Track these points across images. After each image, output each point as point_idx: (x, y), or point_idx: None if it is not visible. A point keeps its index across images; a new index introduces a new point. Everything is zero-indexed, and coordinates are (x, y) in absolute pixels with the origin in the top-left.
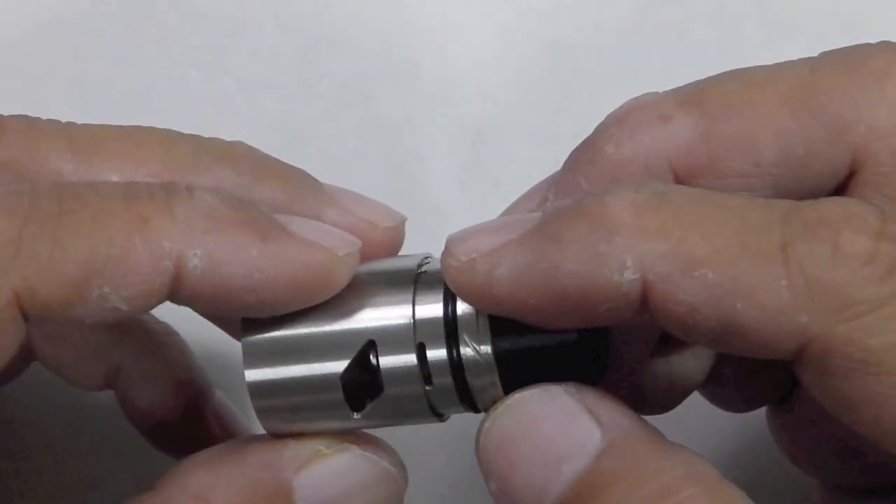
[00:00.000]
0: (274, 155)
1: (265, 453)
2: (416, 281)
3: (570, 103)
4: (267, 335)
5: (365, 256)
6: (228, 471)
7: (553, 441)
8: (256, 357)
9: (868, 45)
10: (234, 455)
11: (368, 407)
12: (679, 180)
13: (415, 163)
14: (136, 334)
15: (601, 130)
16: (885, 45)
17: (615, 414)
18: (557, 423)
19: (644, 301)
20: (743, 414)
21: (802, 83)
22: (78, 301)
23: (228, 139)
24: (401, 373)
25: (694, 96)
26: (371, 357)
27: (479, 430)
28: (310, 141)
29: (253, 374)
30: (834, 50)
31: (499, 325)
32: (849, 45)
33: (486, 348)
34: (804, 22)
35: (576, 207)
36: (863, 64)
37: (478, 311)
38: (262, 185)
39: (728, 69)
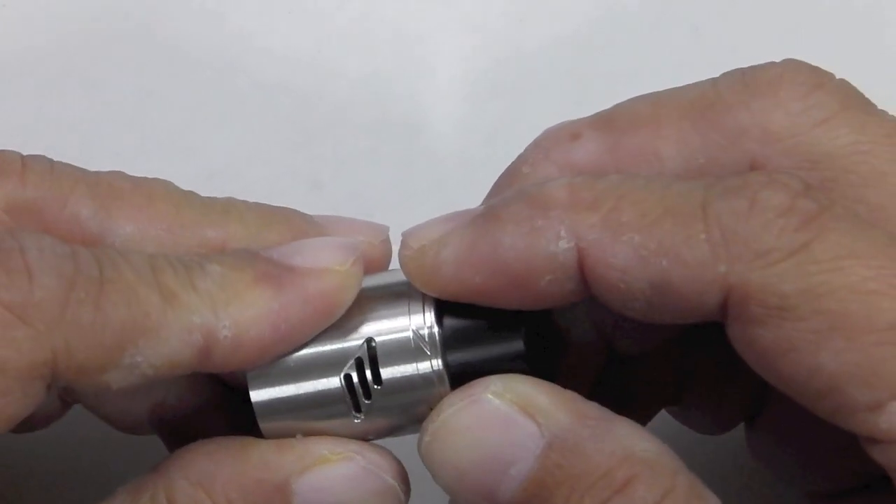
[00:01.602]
0: (288, 154)
1: (269, 453)
2: (409, 288)
3: (587, 99)
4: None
5: (367, 272)
6: (231, 465)
7: (495, 448)
8: (260, 378)
9: (765, 63)
10: (238, 450)
11: (371, 416)
12: None
13: (429, 161)
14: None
15: (520, 156)
16: (779, 62)
17: (550, 406)
18: (495, 430)
19: (581, 271)
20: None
21: (702, 97)
22: (110, 367)
23: (242, 139)
24: (401, 378)
25: (604, 116)
26: (371, 366)
27: (420, 443)
28: (323, 140)
29: (258, 395)
30: (734, 69)
31: (448, 333)
32: (863, 38)
33: (437, 361)
34: (816, 17)
35: (517, 193)
36: (757, 76)
37: (428, 321)
38: (269, 231)
39: (741, 66)
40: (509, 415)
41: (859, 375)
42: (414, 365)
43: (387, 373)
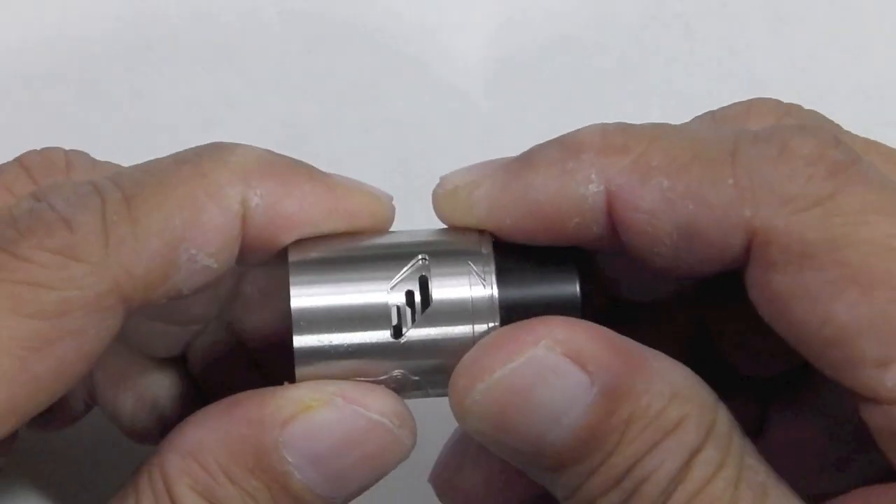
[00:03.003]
0: (279, 152)
1: (250, 408)
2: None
3: (577, 99)
4: (314, 253)
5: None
6: (216, 427)
7: (547, 403)
8: (302, 277)
9: (732, 103)
10: (223, 412)
11: (412, 342)
12: None
13: (421, 160)
14: (193, 397)
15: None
16: (746, 100)
17: (598, 352)
18: (548, 385)
19: (608, 214)
20: None
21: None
22: (172, 271)
23: (233, 137)
24: (453, 292)
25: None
26: (421, 286)
27: (460, 399)
28: (315, 139)
29: (297, 297)
30: (704, 113)
31: (503, 266)
32: (850, 39)
33: (492, 287)
34: (808, 16)
35: (551, 140)
36: (725, 112)
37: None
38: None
39: (733, 65)
40: (562, 368)
41: (871, 330)
42: (467, 287)
43: (437, 293)
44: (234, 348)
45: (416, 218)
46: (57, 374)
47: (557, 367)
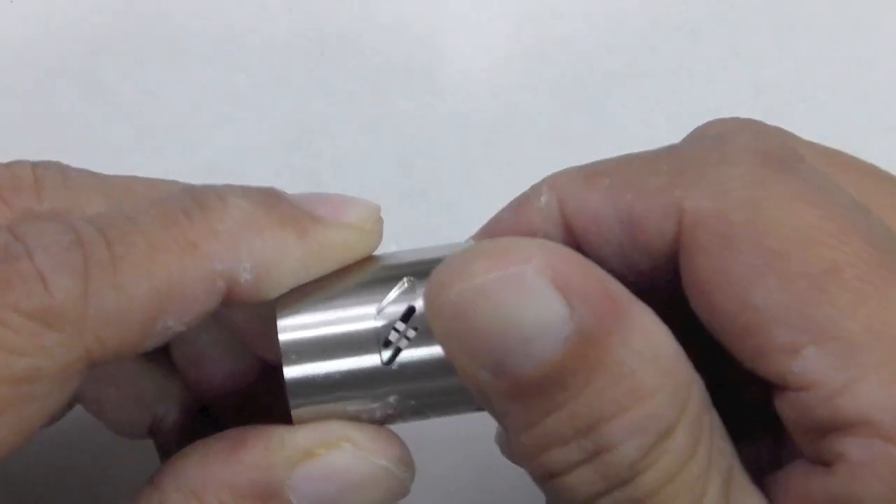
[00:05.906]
0: (286, 152)
1: (259, 453)
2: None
3: (581, 101)
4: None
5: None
6: (222, 469)
7: (521, 323)
8: (289, 310)
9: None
10: (228, 452)
11: (401, 364)
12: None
13: (427, 160)
14: (182, 388)
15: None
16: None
17: (586, 289)
18: (528, 305)
19: (563, 219)
20: None
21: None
22: (145, 340)
23: (241, 136)
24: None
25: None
26: (405, 296)
27: (435, 294)
28: (322, 138)
29: (285, 324)
30: None
31: None
32: (854, 46)
33: None
34: (814, 23)
35: None
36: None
37: None
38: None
39: (738, 68)
40: (546, 293)
41: (784, 316)
42: None
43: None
44: (219, 335)
45: (420, 216)
46: (16, 434)
47: (541, 291)
